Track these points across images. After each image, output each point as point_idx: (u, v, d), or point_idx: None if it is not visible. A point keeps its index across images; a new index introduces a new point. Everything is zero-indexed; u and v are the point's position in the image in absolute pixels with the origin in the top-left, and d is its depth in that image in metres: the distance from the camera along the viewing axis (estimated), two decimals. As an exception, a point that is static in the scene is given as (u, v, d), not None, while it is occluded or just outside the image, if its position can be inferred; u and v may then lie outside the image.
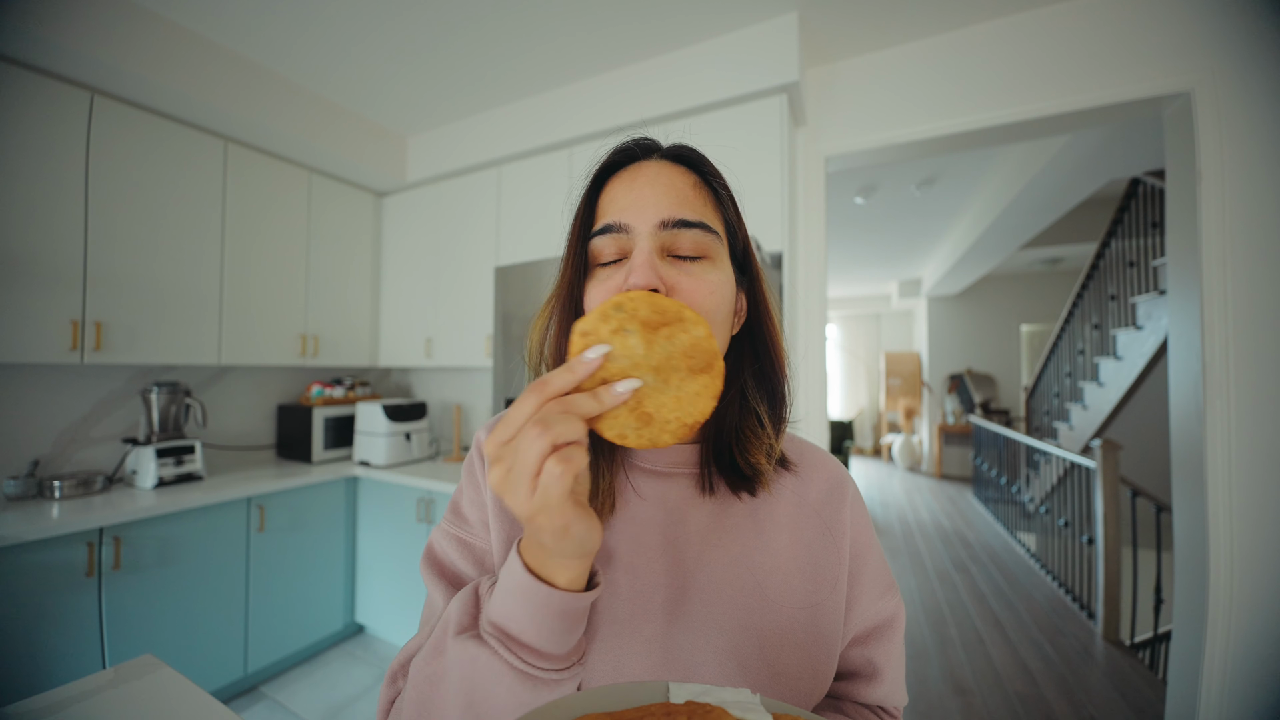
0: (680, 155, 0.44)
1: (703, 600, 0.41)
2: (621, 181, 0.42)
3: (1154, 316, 2.99)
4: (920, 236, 4.65)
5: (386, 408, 2.39)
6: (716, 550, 0.42)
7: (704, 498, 0.44)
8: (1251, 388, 1.38)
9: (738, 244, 0.45)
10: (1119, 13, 1.52)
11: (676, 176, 0.42)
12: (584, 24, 1.75)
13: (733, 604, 0.41)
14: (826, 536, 0.45)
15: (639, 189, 0.41)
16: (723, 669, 0.39)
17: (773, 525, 0.44)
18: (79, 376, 1.93)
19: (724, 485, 0.44)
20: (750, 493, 0.44)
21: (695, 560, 0.42)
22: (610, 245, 0.41)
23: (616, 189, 0.42)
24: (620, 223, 0.40)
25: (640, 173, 0.42)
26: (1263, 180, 1.38)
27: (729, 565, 0.42)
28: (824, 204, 1.95)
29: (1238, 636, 1.36)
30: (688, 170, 0.43)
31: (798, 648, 0.40)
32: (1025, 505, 4.03)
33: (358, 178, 2.59)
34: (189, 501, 1.77)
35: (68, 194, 1.69)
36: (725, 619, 0.40)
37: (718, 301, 0.40)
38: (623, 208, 0.41)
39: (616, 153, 0.44)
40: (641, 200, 0.40)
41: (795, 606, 0.41)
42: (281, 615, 2.09)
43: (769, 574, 0.42)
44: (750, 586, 0.41)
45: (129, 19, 1.65)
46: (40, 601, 1.45)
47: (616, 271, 0.40)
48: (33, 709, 0.68)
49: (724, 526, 0.43)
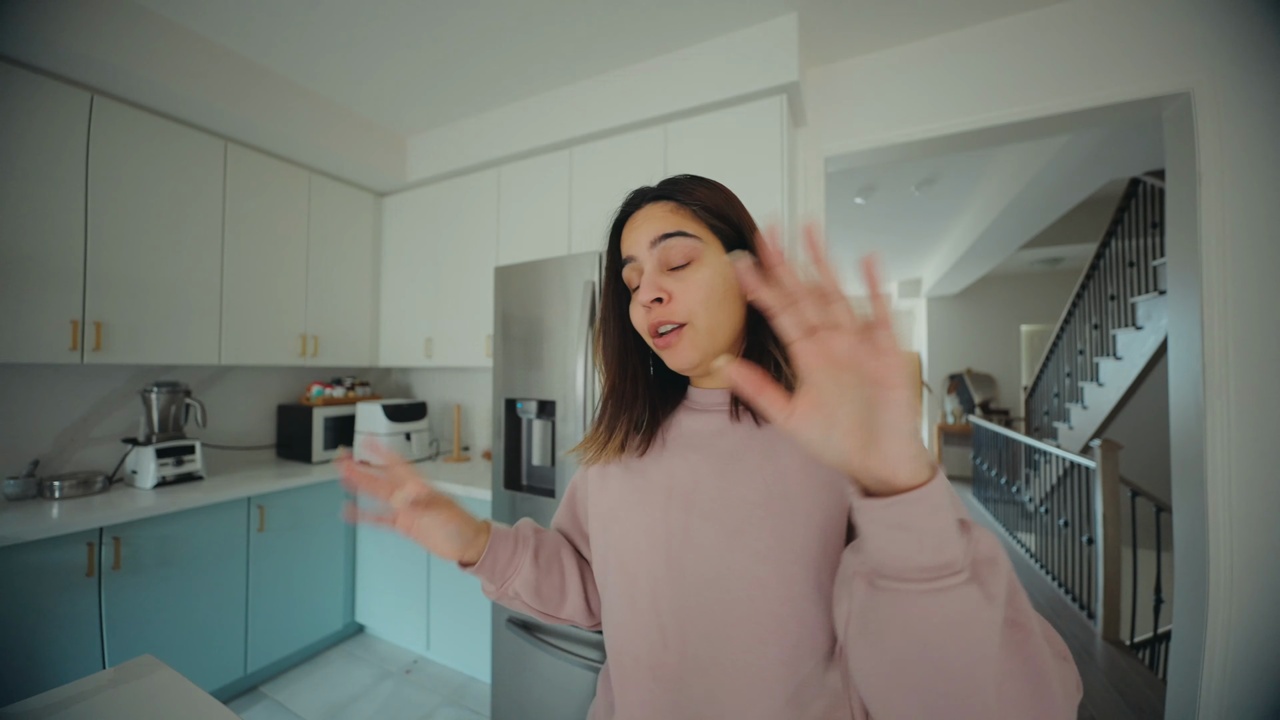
0: (659, 194, 0.58)
1: (738, 493, 0.52)
2: (628, 226, 0.59)
3: (1154, 316, 2.99)
4: (920, 236, 4.65)
5: (386, 408, 2.39)
6: (746, 456, 0.54)
7: (734, 424, 0.56)
8: (1251, 388, 1.38)
9: (730, 232, 0.56)
10: (1119, 13, 1.52)
11: (658, 209, 0.57)
12: (584, 24, 1.75)
13: (758, 490, 0.51)
14: (837, 478, 0.50)
15: (636, 227, 0.57)
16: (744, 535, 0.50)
17: (786, 455, 0.52)
18: (79, 376, 1.93)
19: (749, 416, 0.56)
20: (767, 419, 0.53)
21: (728, 464, 0.54)
22: (632, 272, 0.58)
23: (626, 232, 0.59)
24: (630, 255, 0.57)
25: (636, 218, 0.58)
26: (1263, 180, 1.38)
27: (756, 469, 0.52)
28: (824, 204, 1.95)
29: (1238, 636, 1.36)
30: (666, 200, 0.57)
31: (814, 525, 0.49)
32: (1025, 505, 4.02)
33: (358, 178, 2.59)
34: (189, 501, 1.77)
35: (68, 194, 1.69)
36: (745, 501, 0.51)
37: (706, 294, 0.53)
38: (630, 244, 0.58)
39: (626, 206, 0.61)
40: (638, 234, 0.56)
41: (811, 488, 0.50)
42: (281, 615, 2.09)
43: (786, 471, 0.51)
44: (772, 479, 0.51)
45: (129, 19, 1.65)
46: (40, 601, 1.45)
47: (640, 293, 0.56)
48: (33, 709, 0.68)
49: (750, 443, 0.55)
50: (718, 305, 0.53)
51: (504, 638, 1.67)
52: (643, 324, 0.56)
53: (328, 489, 2.28)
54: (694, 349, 0.53)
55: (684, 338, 0.53)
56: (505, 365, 1.75)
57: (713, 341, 0.54)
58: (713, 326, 0.53)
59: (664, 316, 0.53)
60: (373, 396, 2.75)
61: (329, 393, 2.55)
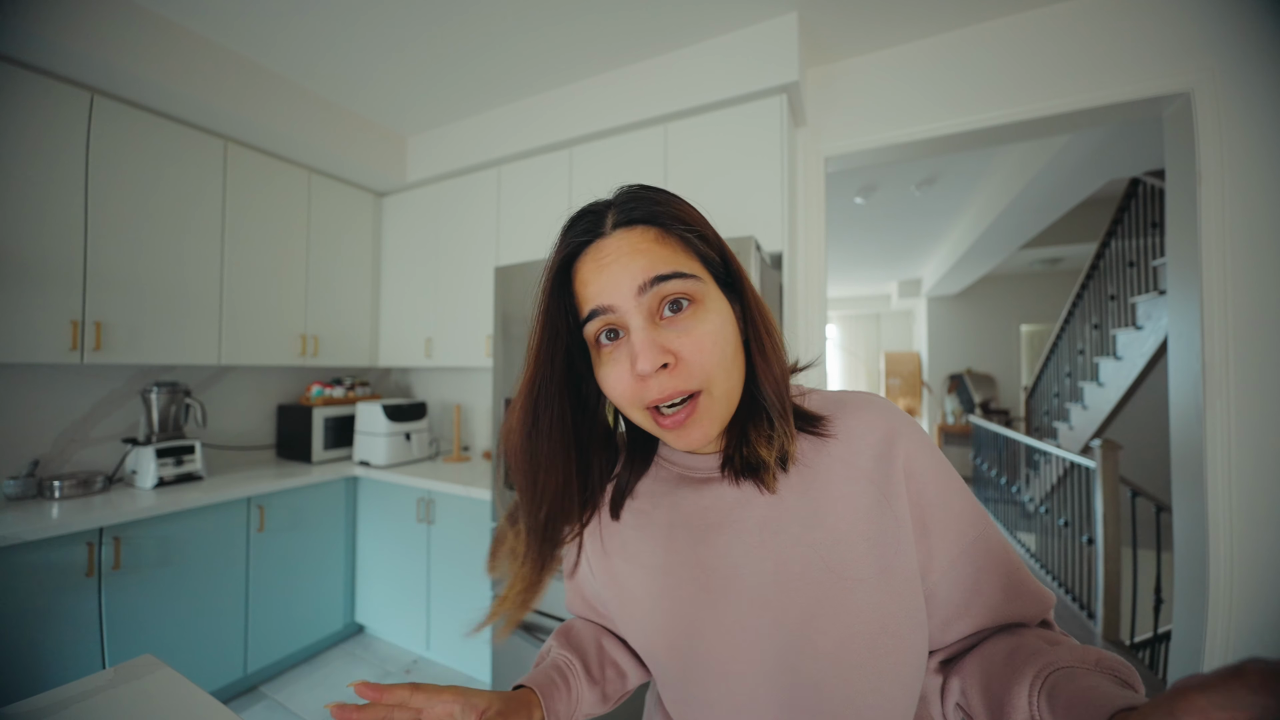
0: (632, 218, 0.43)
1: (776, 583, 0.43)
2: (588, 263, 0.43)
3: (1154, 316, 2.99)
4: (920, 236, 4.65)
5: (386, 408, 2.39)
6: (777, 537, 0.44)
7: (760, 495, 0.46)
8: (1251, 388, 1.38)
9: (719, 269, 0.45)
10: (1119, 13, 1.52)
11: (636, 239, 0.42)
12: (584, 24, 1.75)
13: (802, 580, 0.43)
14: (882, 502, 0.44)
15: (607, 267, 0.42)
16: (791, 641, 0.42)
17: (828, 501, 0.44)
18: (79, 376, 1.93)
19: (750, 482, 0.46)
20: (762, 484, 0.45)
21: (758, 548, 0.45)
22: (601, 326, 0.43)
23: (587, 273, 0.43)
24: (603, 305, 0.42)
25: (603, 250, 0.43)
26: (1263, 180, 1.38)
27: (792, 546, 0.44)
28: (824, 204, 1.95)
29: (1238, 637, 1.36)
30: (646, 227, 0.43)
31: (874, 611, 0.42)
32: (1025, 505, 4.03)
33: (358, 178, 2.59)
34: (189, 501, 1.77)
35: (68, 194, 1.68)
36: (797, 595, 0.43)
37: (720, 345, 0.42)
38: (599, 290, 0.42)
39: (574, 236, 0.44)
40: (614, 278, 0.41)
41: (864, 574, 0.42)
42: (281, 615, 2.09)
43: (830, 548, 0.43)
44: (814, 561, 0.43)
45: (129, 19, 1.65)
46: (40, 601, 1.45)
47: (618, 348, 0.43)
48: (33, 709, 0.68)
49: (779, 515, 0.45)
50: (731, 362, 0.43)
51: (504, 638, 1.67)
52: (631, 397, 0.42)
53: (328, 489, 2.28)
54: (713, 422, 0.42)
55: (700, 410, 0.42)
56: (505, 365, 1.75)
57: (729, 408, 0.44)
58: (729, 390, 0.43)
59: (675, 387, 0.41)
60: (373, 396, 2.75)
61: (329, 393, 2.55)
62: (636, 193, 0.45)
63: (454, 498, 2.09)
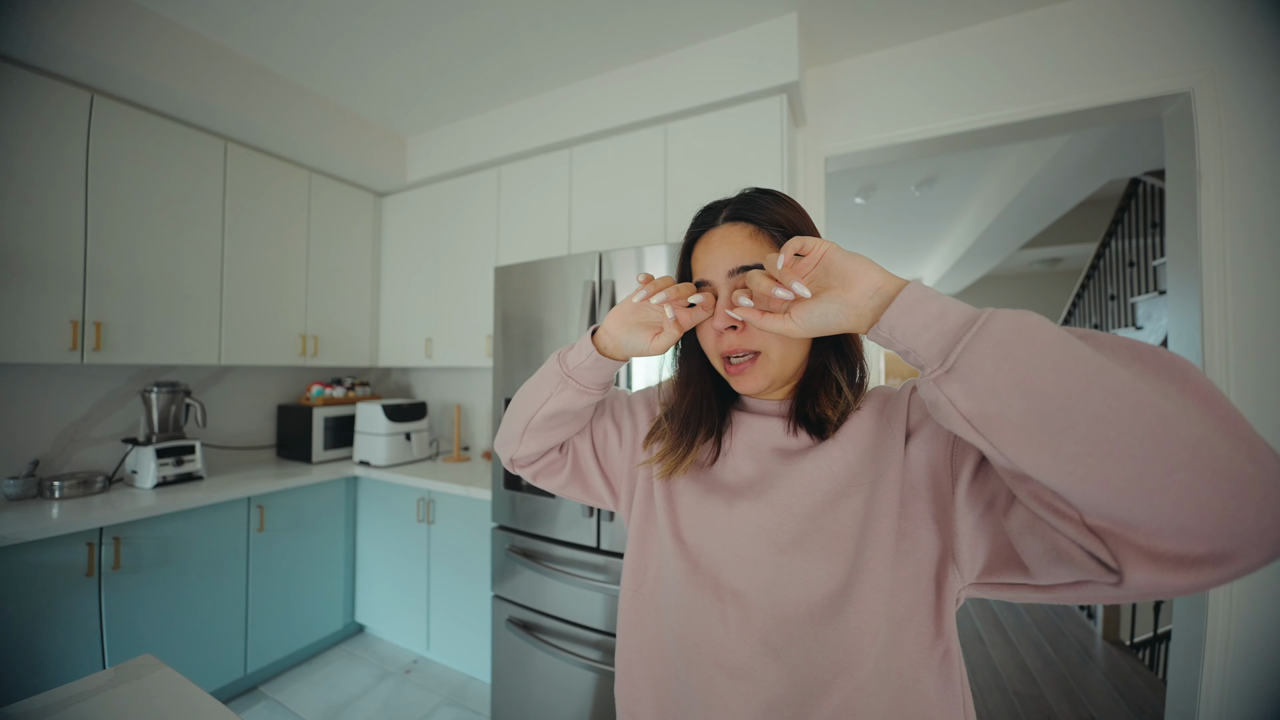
0: (737, 215, 0.57)
1: (787, 490, 0.56)
2: (701, 246, 0.59)
3: (1154, 316, 2.99)
4: (920, 236, 4.65)
5: (386, 408, 2.39)
6: (798, 462, 0.56)
7: (789, 436, 0.59)
8: (1252, 388, 1.38)
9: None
10: (1119, 13, 1.52)
11: (735, 233, 0.56)
12: (584, 24, 1.75)
13: (811, 488, 0.54)
14: (887, 440, 0.53)
15: (711, 251, 0.57)
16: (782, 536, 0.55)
17: (840, 450, 0.55)
18: (79, 376, 1.93)
19: (804, 430, 0.58)
20: (820, 436, 0.56)
21: (778, 469, 0.57)
22: (706, 295, 0.57)
23: (699, 252, 0.59)
24: (705, 279, 0.57)
25: (711, 238, 0.58)
26: (1263, 180, 1.38)
27: (807, 468, 0.55)
28: (824, 204, 1.95)
29: (1238, 636, 1.36)
30: (744, 224, 0.56)
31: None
32: (1025, 505, 4.02)
33: (358, 178, 2.59)
34: (189, 501, 1.77)
35: (68, 194, 1.69)
36: (799, 502, 0.55)
37: None
38: (704, 268, 0.57)
39: (696, 225, 0.60)
40: (715, 259, 0.56)
41: (860, 490, 0.53)
42: (281, 615, 2.09)
43: (838, 473, 0.54)
44: (825, 479, 0.54)
45: (129, 19, 1.65)
46: (40, 601, 1.45)
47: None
48: (33, 709, 0.68)
49: (804, 453, 0.57)
50: (793, 338, 0.54)
51: (504, 637, 1.67)
52: (712, 347, 0.57)
53: (328, 489, 2.28)
54: (765, 377, 0.55)
55: (757, 366, 0.55)
56: (505, 365, 1.75)
57: (783, 370, 0.56)
58: (785, 356, 0.55)
59: (739, 345, 0.54)
60: (373, 396, 2.75)
61: (329, 393, 2.55)
62: (748, 195, 0.58)
63: (454, 498, 2.09)
